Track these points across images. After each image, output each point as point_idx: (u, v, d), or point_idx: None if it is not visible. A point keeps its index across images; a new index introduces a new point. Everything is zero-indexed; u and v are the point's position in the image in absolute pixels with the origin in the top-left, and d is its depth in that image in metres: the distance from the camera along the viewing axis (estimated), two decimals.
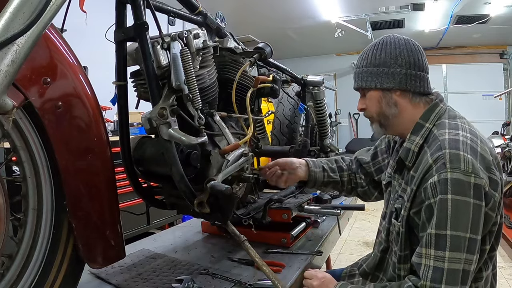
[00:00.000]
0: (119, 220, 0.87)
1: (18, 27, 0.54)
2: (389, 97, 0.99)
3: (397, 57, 0.97)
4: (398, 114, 0.99)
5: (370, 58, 1.00)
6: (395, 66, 0.97)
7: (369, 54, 1.01)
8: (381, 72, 0.98)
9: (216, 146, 1.09)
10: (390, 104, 1.00)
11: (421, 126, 0.96)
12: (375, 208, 4.65)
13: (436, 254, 0.82)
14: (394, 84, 0.97)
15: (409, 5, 5.03)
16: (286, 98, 2.05)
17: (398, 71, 0.97)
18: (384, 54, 0.98)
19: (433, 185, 0.83)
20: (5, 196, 0.66)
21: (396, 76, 0.97)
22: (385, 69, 0.98)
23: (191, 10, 1.17)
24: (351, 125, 8.11)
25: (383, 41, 1.01)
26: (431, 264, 0.82)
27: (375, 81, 0.99)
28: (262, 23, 5.67)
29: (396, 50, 0.98)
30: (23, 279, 0.75)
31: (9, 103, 0.57)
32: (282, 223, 1.36)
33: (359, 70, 1.03)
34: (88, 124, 0.80)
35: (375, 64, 0.99)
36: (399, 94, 0.98)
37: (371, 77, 1.00)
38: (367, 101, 1.04)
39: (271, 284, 0.97)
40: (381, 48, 1.00)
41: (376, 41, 1.04)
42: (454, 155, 0.83)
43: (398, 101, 0.99)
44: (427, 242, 0.83)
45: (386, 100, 1.00)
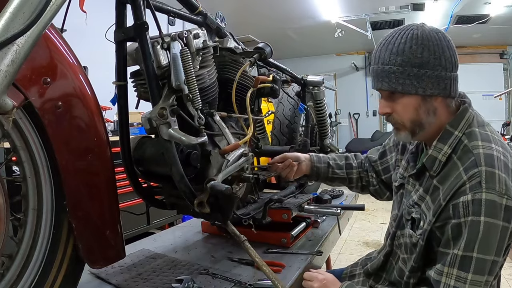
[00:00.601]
0: (119, 220, 0.87)
1: (18, 27, 0.54)
2: (430, 104, 0.85)
3: (441, 57, 0.82)
4: (435, 122, 0.87)
5: (408, 54, 0.82)
6: (439, 68, 0.82)
7: (404, 49, 0.82)
8: (423, 74, 0.82)
9: (216, 146, 1.09)
10: (429, 112, 0.86)
11: (449, 134, 0.86)
12: (375, 208, 4.65)
13: (458, 275, 0.78)
14: (438, 91, 0.83)
15: (409, 5, 5.04)
16: (286, 98, 2.05)
17: (443, 75, 0.82)
18: (427, 52, 0.81)
19: (465, 204, 0.77)
20: (5, 196, 0.66)
21: (441, 81, 0.82)
22: (428, 72, 0.81)
23: (191, 10, 1.17)
24: (351, 125, 8.12)
25: (420, 34, 0.82)
26: (451, 284, 0.79)
27: (417, 86, 0.82)
28: (262, 23, 5.67)
29: (439, 48, 0.82)
30: (23, 279, 0.75)
31: (9, 103, 0.57)
32: (282, 223, 1.36)
33: (391, 68, 0.83)
34: (88, 124, 0.80)
35: (416, 64, 0.81)
36: (440, 101, 0.86)
37: (411, 80, 0.82)
38: (398, 107, 0.88)
39: (271, 284, 0.96)
40: (421, 44, 0.82)
41: (404, 31, 0.84)
42: (490, 174, 0.77)
43: (438, 108, 0.86)
44: (451, 261, 0.79)
45: (425, 107, 0.85)
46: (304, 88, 1.86)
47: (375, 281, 1.08)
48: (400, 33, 0.85)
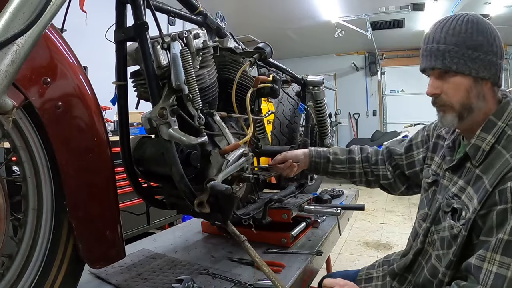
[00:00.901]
0: (119, 220, 0.87)
1: (18, 27, 0.54)
2: (480, 88, 0.86)
3: (493, 44, 0.84)
4: (483, 108, 0.87)
5: (464, 36, 0.84)
6: (491, 54, 0.84)
7: (460, 31, 0.84)
8: (477, 57, 0.83)
9: (216, 146, 1.09)
10: (479, 96, 0.86)
11: (493, 124, 0.86)
12: (375, 208, 4.65)
13: (501, 260, 0.75)
14: (490, 75, 0.85)
15: (409, 5, 5.04)
16: (286, 98, 2.05)
17: (494, 61, 0.84)
18: (482, 37, 0.84)
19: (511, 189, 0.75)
20: (5, 196, 0.66)
21: (492, 66, 0.84)
22: (481, 55, 0.83)
23: (191, 10, 1.17)
24: (351, 125, 8.12)
25: (474, 19, 0.86)
26: (493, 270, 0.76)
27: (471, 67, 0.84)
28: (262, 23, 5.67)
29: (491, 35, 0.84)
30: (23, 279, 0.75)
31: (9, 103, 0.57)
32: (282, 223, 1.36)
33: (446, 47, 0.85)
34: (88, 124, 0.80)
35: (471, 46, 0.83)
36: (489, 87, 0.87)
37: (465, 61, 0.84)
38: (449, 87, 0.87)
39: (271, 284, 0.97)
40: (476, 28, 0.84)
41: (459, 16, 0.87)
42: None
43: (486, 94, 0.87)
44: (495, 246, 0.76)
45: (476, 90, 0.86)
46: (304, 88, 1.86)
47: (400, 283, 1.04)
48: (455, 17, 0.87)
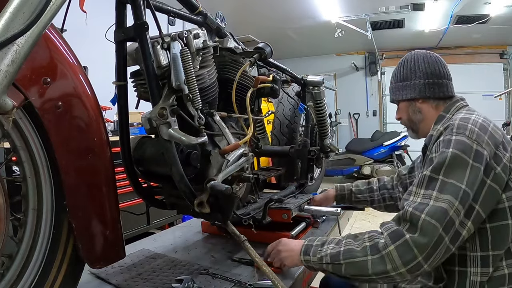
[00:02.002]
0: (119, 220, 0.87)
1: (18, 27, 0.54)
2: (414, 105, 1.14)
3: (416, 70, 1.12)
4: (423, 119, 1.13)
5: (396, 75, 1.18)
6: (414, 78, 1.12)
7: (395, 73, 1.18)
8: (404, 85, 1.14)
9: (216, 146, 1.09)
10: (415, 111, 1.14)
11: (442, 117, 1.07)
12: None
13: (424, 193, 0.88)
14: (415, 94, 1.11)
15: (409, 5, 5.03)
16: (286, 98, 2.05)
17: (418, 82, 1.11)
18: (406, 69, 1.15)
19: (438, 143, 0.93)
20: (5, 196, 0.66)
21: (416, 86, 1.11)
22: (407, 82, 1.13)
23: (191, 10, 1.17)
24: (351, 125, 8.11)
25: (405, 58, 1.17)
26: (418, 200, 0.88)
27: (401, 94, 1.15)
28: (262, 23, 5.67)
29: (414, 64, 1.13)
30: (23, 279, 0.75)
31: (9, 103, 0.57)
32: (282, 223, 1.36)
33: (391, 86, 1.21)
34: (88, 124, 0.80)
35: (400, 79, 1.16)
36: (421, 102, 1.12)
37: (398, 91, 1.16)
38: (400, 111, 1.20)
39: (271, 284, 0.96)
40: (403, 65, 1.16)
41: (400, 60, 1.20)
42: (462, 125, 0.93)
43: (421, 107, 1.13)
44: (419, 181, 0.91)
45: (412, 108, 1.15)
46: (304, 88, 1.86)
47: None
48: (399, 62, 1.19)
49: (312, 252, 0.97)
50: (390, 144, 6.16)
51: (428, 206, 0.84)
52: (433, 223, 0.82)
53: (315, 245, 0.98)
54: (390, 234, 0.86)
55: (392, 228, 0.88)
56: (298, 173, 1.85)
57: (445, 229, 0.82)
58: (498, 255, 0.88)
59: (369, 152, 6.29)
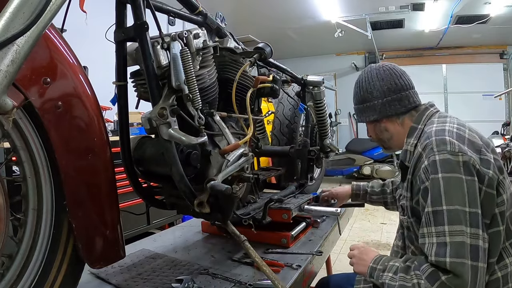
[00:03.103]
0: (119, 220, 0.87)
1: (18, 27, 0.54)
2: (379, 125, 1.13)
3: (372, 91, 1.09)
4: (392, 136, 1.12)
5: (355, 97, 1.16)
6: (372, 99, 1.10)
7: (354, 94, 1.16)
8: (364, 108, 1.12)
9: (216, 146, 1.09)
10: (382, 130, 1.13)
11: (414, 129, 1.05)
12: (375, 208, 4.64)
13: (436, 231, 0.84)
14: (377, 115, 1.10)
15: (409, 5, 5.04)
16: (286, 98, 2.05)
17: (376, 103, 1.09)
18: (362, 91, 1.12)
19: (425, 169, 0.89)
20: (5, 196, 0.66)
21: (376, 108, 1.09)
22: (366, 104, 1.11)
23: (191, 10, 1.17)
24: (351, 125, 8.12)
25: (360, 79, 1.15)
26: (434, 241, 0.84)
27: (364, 116, 1.14)
28: (262, 23, 5.67)
29: (369, 84, 1.10)
30: (23, 279, 0.75)
31: (9, 103, 0.57)
32: (282, 223, 1.36)
33: (354, 108, 1.19)
34: (88, 124, 0.80)
35: (359, 101, 1.14)
36: (385, 121, 1.11)
37: (361, 113, 1.15)
38: (369, 131, 1.19)
39: (271, 284, 0.96)
40: (359, 86, 1.14)
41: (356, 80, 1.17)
42: (440, 140, 0.90)
43: (387, 126, 1.11)
44: (426, 221, 0.87)
45: (377, 128, 1.14)
46: (304, 88, 1.86)
47: None
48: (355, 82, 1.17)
49: (376, 276, 0.98)
50: None
51: (447, 246, 0.81)
52: (459, 261, 0.79)
53: (378, 269, 0.98)
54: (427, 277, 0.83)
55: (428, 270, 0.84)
56: (298, 173, 1.85)
57: (473, 259, 0.80)
58: (492, 262, 0.87)
59: (369, 152, 6.30)
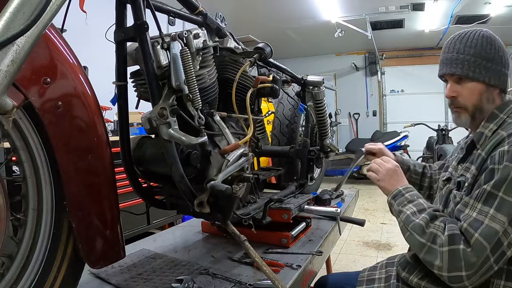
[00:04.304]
0: (119, 220, 0.87)
1: (18, 27, 0.54)
2: (491, 93, 1.00)
3: (503, 57, 1.00)
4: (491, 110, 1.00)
5: (479, 49, 0.99)
6: (501, 64, 0.99)
7: (477, 44, 1.00)
8: (490, 67, 0.98)
9: (216, 146, 1.09)
10: (489, 100, 1.00)
11: (496, 116, 0.98)
12: (375, 208, 4.65)
13: (481, 208, 0.84)
14: (499, 82, 0.99)
15: (409, 5, 5.04)
16: (286, 98, 2.05)
17: (503, 71, 0.99)
18: (494, 50, 0.99)
19: (502, 153, 0.86)
20: (5, 196, 0.66)
21: (502, 75, 0.99)
22: (493, 66, 0.98)
23: (191, 10, 1.17)
24: (351, 125, 8.12)
25: (487, 35, 1.01)
26: (473, 215, 0.85)
27: (484, 75, 0.98)
28: (262, 23, 5.67)
29: (501, 49, 1.00)
30: (23, 279, 0.75)
31: (9, 103, 0.57)
32: (282, 223, 1.36)
33: (465, 57, 1.00)
34: (88, 124, 0.80)
35: (486, 57, 0.98)
36: (498, 93, 1.01)
37: (480, 70, 0.98)
38: (464, 90, 1.01)
39: (271, 284, 0.96)
40: (489, 42, 1.00)
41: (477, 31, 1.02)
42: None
43: (495, 98, 1.01)
44: (478, 195, 0.86)
45: (487, 95, 1.00)
46: (304, 88, 1.86)
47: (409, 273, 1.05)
48: (471, 31, 1.03)
49: (398, 202, 1.00)
50: (390, 144, 6.16)
51: (482, 225, 0.82)
52: (484, 244, 0.81)
53: (405, 196, 1.01)
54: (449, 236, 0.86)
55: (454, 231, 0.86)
56: (298, 173, 1.85)
57: (492, 251, 0.81)
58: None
59: None
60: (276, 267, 1.10)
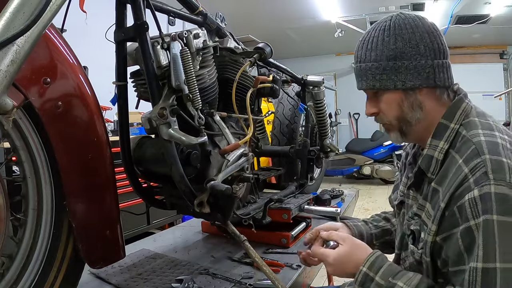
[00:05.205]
0: (119, 220, 0.87)
1: (18, 27, 0.54)
2: (413, 98, 0.78)
3: (418, 45, 0.75)
4: (423, 117, 0.79)
5: (381, 48, 0.77)
6: (418, 57, 0.75)
7: (377, 43, 0.78)
8: (400, 66, 0.76)
9: (216, 146, 1.09)
10: (414, 106, 0.78)
11: (445, 127, 0.77)
12: (375, 208, 4.65)
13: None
14: (420, 81, 0.76)
15: (409, 5, 5.04)
16: (286, 98, 2.05)
17: (423, 64, 0.75)
18: (402, 41, 0.75)
19: (473, 202, 0.64)
20: (5, 196, 0.66)
21: (422, 70, 0.75)
22: (405, 63, 0.75)
23: (191, 10, 1.17)
24: (351, 125, 8.12)
25: (393, 24, 0.77)
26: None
27: (394, 79, 0.77)
28: (262, 23, 5.67)
29: (415, 35, 0.75)
30: (23, 279, 0.75)
31: (9, 103, 0.57)
32: (282, 223, 1.36)
33: (366, 65, 0.80)
34: (88, 124, 0.80)
35: (390, 56, 0.76)
36: (425, 93, 0.78)
37: (387, 75, 0.77)
38: (382, 105, 0.82)
39: (271, 284, 0.97)
40: (393, 33, 0.76)
41: (379, 24, 0.80)
42: (497, 162, 0.65)
43: (424, 101, 0.78)
44: (471, 280, 0.62)
45: (409, 102, 0.78)
46: (304, 88, 1.86)
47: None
48: (374, 27, 0.81)
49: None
50: (390, 144, 6.16)
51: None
52: None
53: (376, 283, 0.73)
54: None
55: None
56: (298, 173, 1.85)
57: None
58: None
59: (369, 152, 6.30)
60: (276, 267, 1.10)
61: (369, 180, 6.48)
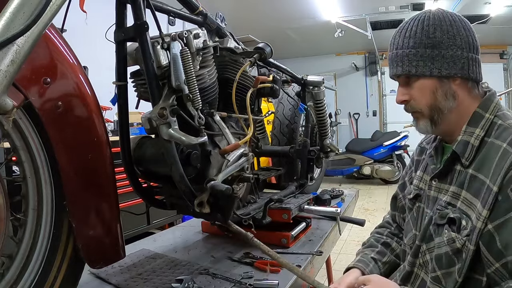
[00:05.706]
0: (119, 220, 0.87)
1: (18, 27, 0.54)
2: (447, 86, 0.80)
3: (455, 37, 0.79)
4: (455, 107, 0.81)
5: (420, 36, 0.80)
6: (454, 47, 0.78)
7: (416, 31, 0.80)
8: (437, 55, 0.78)
9: (216, 146, 1.09)
10: (447, 95, 0.80)
11: (480, 117, 0.80)
12: (375, 208, 4.65)
13: None
14: (455, 71, 0.79)
15: (409, 5, 5.04)
16: (286, 98, 2.05)
17: (459, 54, 0.78)
18: (440, 32, 0.79)
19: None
20: (5, 196, 0.66)
21: (458, 60, 0.78)
22: (442, 52, 0.78)
23: (191, 10, 1.17)
24: (351, 125, 8.12)
25: (432, 15, 0.81)
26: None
27: (431, 67, 0.79)
28: (262, 23, 5.67)
29: (452, 28, 0.79)
30: (23, 279, 0.75)
31: (9, 103, 0.57)
32: (282, 223, 1.36)
33: (404, 51, 0.82)
34: (88, 124, 0.80)
35: (429, 44, 0.79)
36: (458, 83, 0.80)
37: (424, 61, 0.79)
38: (415, 92, 0.83)
39: (271, 284, 0.97)
40: (433, 24, 0.79)
41: (419, 15, 0.83)
42: None
43: (457, 91, 0.81)
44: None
45: (443, 90, 0.80)
46: (304, 88, 1.86)
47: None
48: (414, 18, 0.85)
49: None
50: (390, 144, 6.17)
51: None
52: None
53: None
54: None
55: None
56: (298, 173, 1.85)
57: None
58: None
59: (369, 152, 6.30)
60: (276, 267, 1.10)
61: (369, 180, 6.49)
